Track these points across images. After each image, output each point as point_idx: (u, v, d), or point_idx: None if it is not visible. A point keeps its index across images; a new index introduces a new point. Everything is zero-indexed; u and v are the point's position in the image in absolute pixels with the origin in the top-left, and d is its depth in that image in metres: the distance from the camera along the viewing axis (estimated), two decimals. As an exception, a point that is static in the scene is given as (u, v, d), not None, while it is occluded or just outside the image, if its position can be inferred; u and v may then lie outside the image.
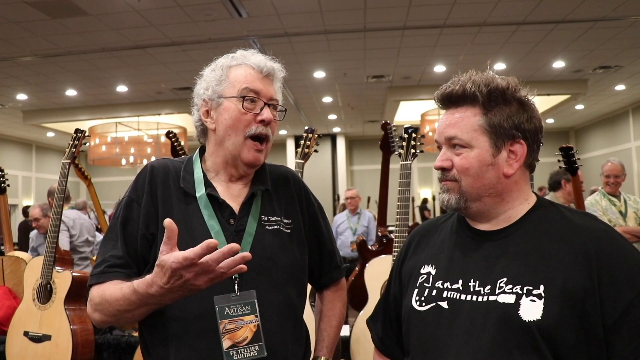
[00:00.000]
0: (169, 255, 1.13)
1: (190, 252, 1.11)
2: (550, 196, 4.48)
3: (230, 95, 1.42)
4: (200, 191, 1.43)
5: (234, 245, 1.12)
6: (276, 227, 1.47)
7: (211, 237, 1.38)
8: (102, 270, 1.38)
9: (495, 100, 1.20)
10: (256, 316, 1.37)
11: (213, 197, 1.43)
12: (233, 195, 1.47)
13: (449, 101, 1.26)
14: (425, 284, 1.28)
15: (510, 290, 1.13)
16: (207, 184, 1.45)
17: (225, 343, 1.33)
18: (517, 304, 1.10)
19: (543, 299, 1.09)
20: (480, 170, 1.20)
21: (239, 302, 1.36)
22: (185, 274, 1.13)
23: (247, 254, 1.14)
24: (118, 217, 1.44)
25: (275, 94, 1.48)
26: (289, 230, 1.50)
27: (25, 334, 2.89)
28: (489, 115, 1.20)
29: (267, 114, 1.43)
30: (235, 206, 1.45)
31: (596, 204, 4.43)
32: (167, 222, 1.15)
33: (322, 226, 1.63)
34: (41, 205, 4.80)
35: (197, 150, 1.55)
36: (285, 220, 1.50)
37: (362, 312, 2.91)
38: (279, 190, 1.54)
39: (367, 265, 3.02)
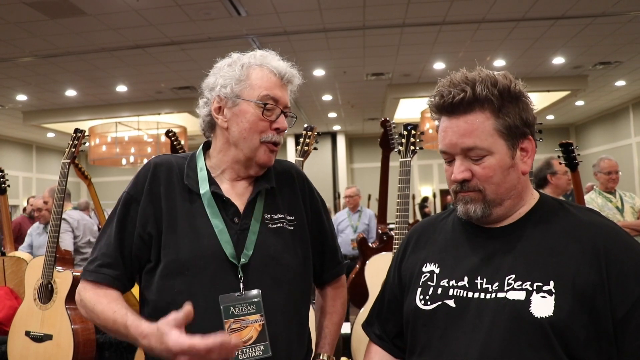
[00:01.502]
0: (175, 336, 1.12)
1: (200, 344, 1.09)
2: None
3: (250, 99, 1.40)
4: (204, 189, 1.42)
5: (229, 339, 1.11)
6: (279, 225, 1.46)
7: (215, 235, 1.37)
8: (93, 269, 1.40)
9: (504, 100, 1.17)
10: (261, 315, 1.36)
11: (217, 195, 1.42)
12: (237, 193, 1.46)
13: (457, 108, 1.18)
14: (429, 283, 1.26)
15: (520, 287, 1.12)
16: (211, 182, 1.44)
17: None
18: (527, 301, 1.10)
19: (554, 295, 1.09)
20: (502, 175, 1.18)
21: (244, 302, 1.35)
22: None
23: (238, 343, 1.13)
24: (115, 213, 1.43)
25: (289, 102, 1.48)
26: (292, 227, 1.48)
27: (27, 333, 2.90)
28: (501, 117, 1.16)
29: (283, 122, 1.43)
30: (240, 205, 1.43)
31: (592, 202, 4.46)
32: (187, 309, 1.15)
33: (325, 222, 1.62)
34: (44, 197, 4.82)
35: (201, 147, 1.53)
36: (288, 217, 1.49)
37: (362, 309, 2.91)
38: (282, 187, 1.53)
39: (367, 262, 3.03)
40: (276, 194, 1.51)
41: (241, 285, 1.36)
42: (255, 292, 1.37)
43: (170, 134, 3.39)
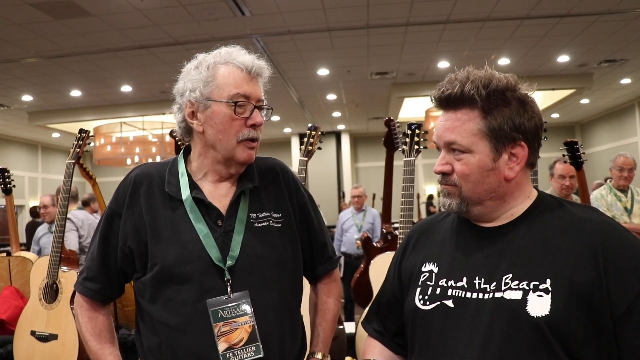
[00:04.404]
0: None
1: None
2: (549, 190, 4.45)
3: (220, 100, 1.38)
4: (186, 194, 1.41)
5: None
6: (265, 223, 1.45)
7: (200, 240, 1.37)
8: (80, 281, 1.50)
9: (495, 102, 1.16)
10: (251, 317, 1.36)
11: (199, 200, 1.41)
12: (221, 195, 1.45)
13: (447, 104, 1.21)
14: (428, 283, 1.26)
15: (517, 287, 1.12)
16: (193, 186, 1.43)
17: (221, 346, 1.33)
18: (524, 300, 1.10)
19: (550, 294, 1.08)
20: (480, 176, 1.18)
21: (233, 304, 1.35)
22: None
23: None
24: (99, 228, 1.47)
25: (262, 94, 1.45)
26: (279, 225, 1.47)
27: (32, 333, 2.91)
28: (488, 119, 1.16)
29: (257, 118, 1.41)
30: (223, 207, 1.42)
31: (601, 198, 4.40)
32: None
33: (312, 218, 1.59)
34: (52, 195, 4.85)
35: (181, 152, 1.52)
36: (274, 215, 1.47)
37: (367, 308, 2.90)
38: (267, 184, 1.51)
39: (372, 262, 3.02)
40: (261, 192, 1.49)
41: (228, 288, 1.36)
42: (242, 294, 1.37)
43: (174, 134, 3.39)
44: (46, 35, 6.68)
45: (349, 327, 3.38)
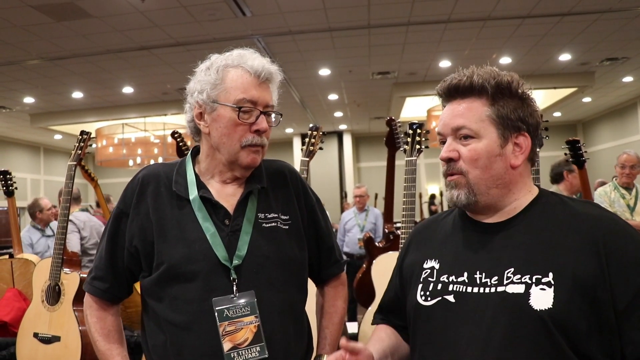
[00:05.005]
0: None
1: None
2: (553, 189, 4.43)
3: (226, 103, 1.38)
4: (193, 194, 1.42)
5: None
6: (273, 224, 1.45)
7: (207, 240, 1.38)
8: (88, 281, 1.52)
9: (502, 93, 1.21)
10: (256, 317, 1.36)
11: (206, 199, 1.42)
12: (228, 195, 1.45)
13: (455, 92, 1.25)
14: (429, 279, 1.27)
15: (519, 280, 1.12)
16: (200, 186, 1.44)
17: (226, 345, 1.33)
18: (527, 294, 1.10)
19: (553, 287, 1.09)
20: (488, 161, 1.20)
21: (238, 304, 1.36)
22: None
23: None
24: (108, 228, 1.48)
25: (271, 100, 1.44)
26: (287, 227, 1.48)
27: (35, 335, 2.91)
28: (496, 106, 1.21)
29: (262, 124, 1.40)
30: (230, 206, 1.43)
31: (605, 195, 4.40)
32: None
33: (320, 220, 1.60)
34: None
35: (190, 152, 1.53)
36: (282, 217, 1.48)
37: (369, 308, 2.90)
38: (275, 187, 1.52)
39: (374, 262, 3.02)
40: (269, 193, 1.50)
41: (234, 288, 1.36)
42: (248, 293, 1.37)
43: (176, 135, 3.39)
44: (47, 37, 6.69)
45: (352, 327, 3.38)
